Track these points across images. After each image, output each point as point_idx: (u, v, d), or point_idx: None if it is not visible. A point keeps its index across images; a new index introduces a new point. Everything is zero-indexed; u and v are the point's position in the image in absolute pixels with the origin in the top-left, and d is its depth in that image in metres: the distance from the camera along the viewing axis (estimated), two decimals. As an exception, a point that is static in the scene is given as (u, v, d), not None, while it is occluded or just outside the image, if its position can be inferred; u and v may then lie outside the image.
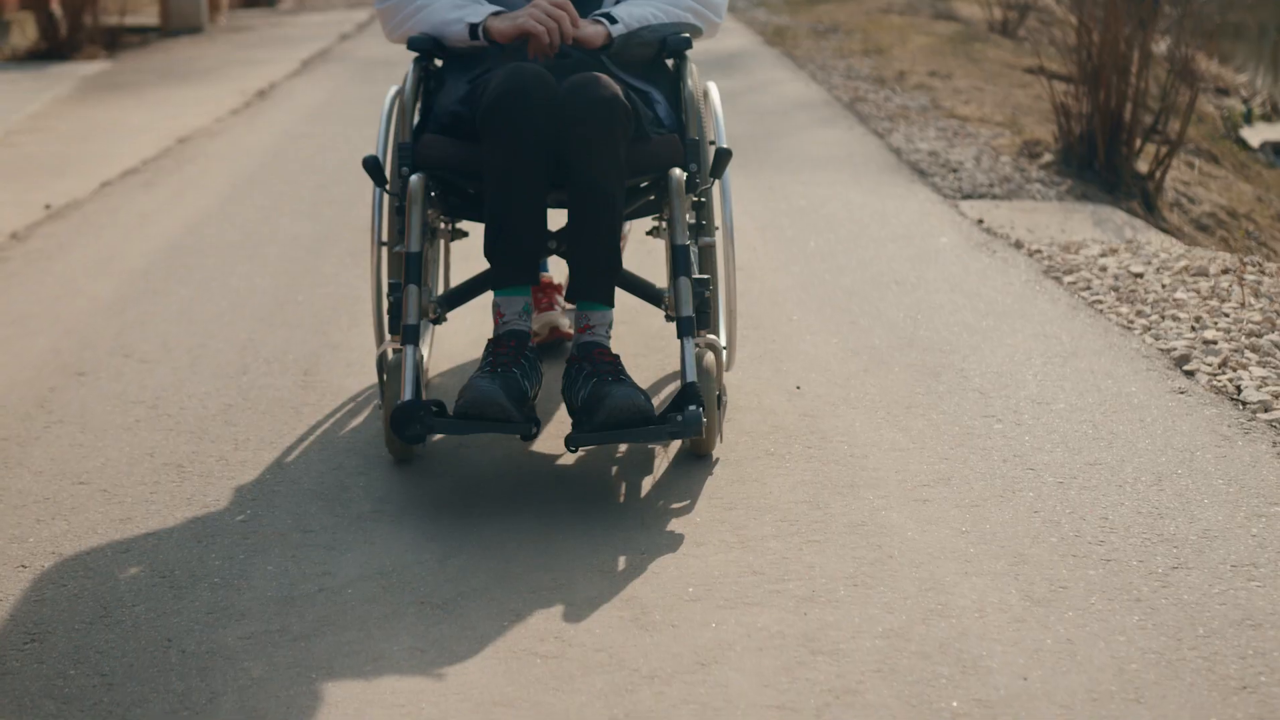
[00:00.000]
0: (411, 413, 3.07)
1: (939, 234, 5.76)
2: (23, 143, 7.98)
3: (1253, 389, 3.88)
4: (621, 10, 3.49)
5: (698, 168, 3.49)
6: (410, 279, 3.28)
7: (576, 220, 3.32)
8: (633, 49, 3.50)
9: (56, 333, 4.43)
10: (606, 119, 3.26)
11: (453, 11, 3.49)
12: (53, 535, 3.02)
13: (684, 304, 3.29)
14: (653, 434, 3.08)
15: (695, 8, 3.59)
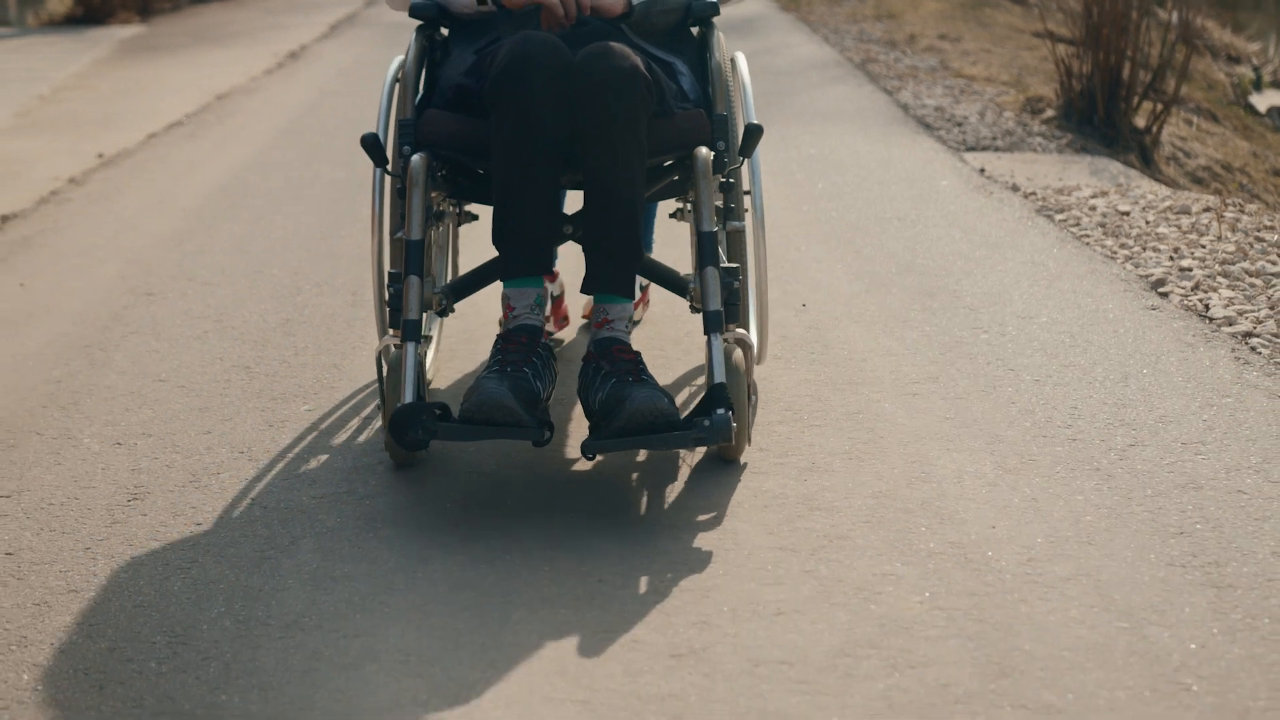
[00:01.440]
0: (413, 417, 2.82)
1: (940, 178, 6.12)
2: (69, 99, 8.36)
3: (1220, 307, 4.24)
4: None
5: (725, 146, 3.22)
6: (411, 269, 3.01)
7: (593, 204, 3.07)
8: (655, 17, 3.27)
9: (122, 261, 4.82)
10: (626, 92, 3.01)
11: None
12: (141, 420, 3.41)
13: (711, 297, 3.01)
14: (677, 440, 2.84)
15: None
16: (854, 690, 2.26)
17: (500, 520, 2.88)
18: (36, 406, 3.50)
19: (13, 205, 5.62)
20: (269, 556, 2.74)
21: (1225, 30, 17.00)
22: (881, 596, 2.56)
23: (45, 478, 3.09)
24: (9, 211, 5.52)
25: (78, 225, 5.34)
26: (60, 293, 4.46)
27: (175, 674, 2.32)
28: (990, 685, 2.27)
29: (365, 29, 11.78)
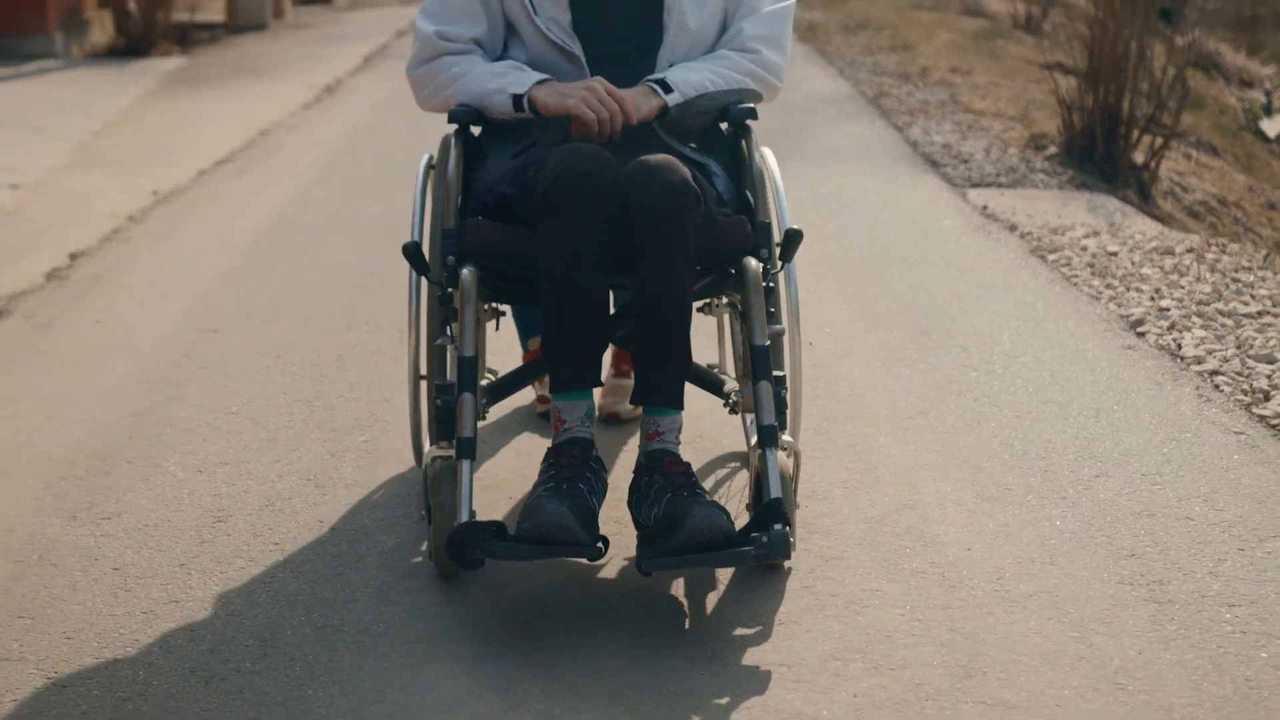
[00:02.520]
0: (470, 537, 2.83)
1: (944, 218, 6.54)
2: (120, 134, 8.81)
3: (1191, 346, 4.65)
4: (676, 76, 3.24)
5: (768, 254, 3.23)
6: (464, 386, 3.03)
7: (643, 317, 3.05)
8: (690, 119, 3.26)
9: (186, 298, 5.25)
10: (675, 207, 3.01)
11: (493, 80, 3.25)
12: (218, 450, 3.84)
13: (765, 412, 3.03)
14: (736, 557, 2.85)
15: (755, 71, 3.33)
16: (841, 688, 2.67)
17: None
18: (124, 437, 3.93)
19: (80, 243, 6.06)
20: (339, 572, 3.16)
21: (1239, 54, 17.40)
22: (868, 609, 2.97)
23: (139, 502, 3.52)
24: (77, 249, 5.95)
25: (142, 262, 5.77)
26: (132, 329, 4.89)
27: (267, 672, 2.74)
28: (957, 685, 2.68)
29: (397, 61, 12.22)
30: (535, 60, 3.30)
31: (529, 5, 3.26)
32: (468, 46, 3.32)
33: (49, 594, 3.06)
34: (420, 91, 3.38)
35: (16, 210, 6.70)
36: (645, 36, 3.31)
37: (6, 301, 5.21)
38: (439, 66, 3.32)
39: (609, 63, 3.27)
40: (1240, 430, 3.93)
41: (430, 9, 3.36)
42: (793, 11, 3.41)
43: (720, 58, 3.32)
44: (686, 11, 3.28)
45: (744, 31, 3.34)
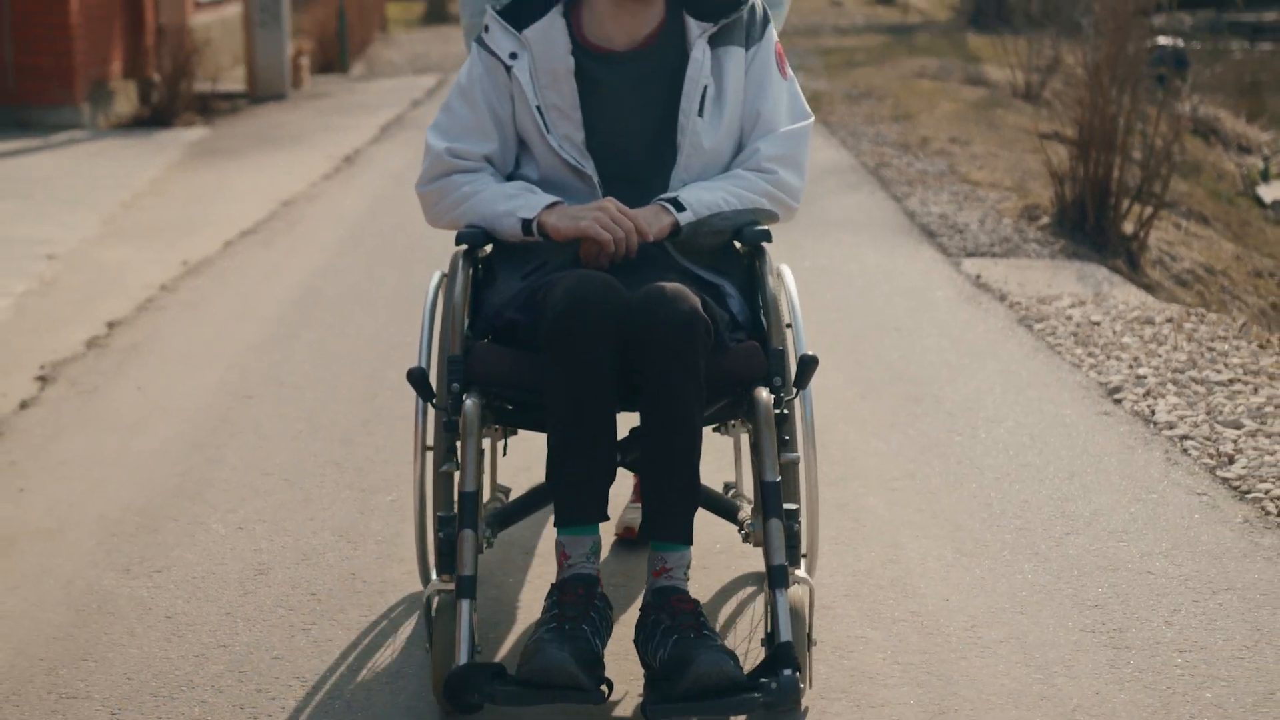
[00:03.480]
0: (469, 680, 2.83)
1: (937, 288, 6.87)
2: (149, 206, 9.17)
3: (1164, 412, 4.96)
4: (689, 195, 3.18)
5: (782, 382, 3.15)
6: (465, 522, 2.97)
7: (652, 450, 3.01)
8: (702, 238, 3.20)
9: (221, 366, 5.58)
10: (686, 338, 2.95)
11: (503, 202, 3.21)
12: (256, 508, 4.16)
13: (776, 551, 2.97)
14: (743, 704, 2.81)
15: (771, 192, 3.26)
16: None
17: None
18: (169, 496, 4.25)
19: (116, 312, 6.40)
20: (372, 620, 3.47)
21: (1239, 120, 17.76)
22: (853, 654, 3.27)
23: (186, 556, 3.83)
24: (114, 318, 6.29)
25: (176, 331, 6.11)
26: (172, 395, 5.22)
27: (310, 711, 3.05)
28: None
29: (413, 131, 12.60)
30: (547, 178, 3.27)
31: (541, 123, 3.24)
32: (479, 164, 3.29)
33: (109, 639, 3.37)
34: (429, 209, 3.37)
35: (54, 281, 7.04)
36: (659, 156, 3.27)
37: (51, 369, 5.54)
38: (449, 185, 3.28)
39: (622, 182, 3.23)
40: (1203, 492, 4.24)
41: (441, 124, 3.33)
42: (810, 130, 3.35)
43: (735, 177, 3.26)
44: (700, 131, 3.24)
45: (760, 151, 3.27)
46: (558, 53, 3.25)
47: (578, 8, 3.31)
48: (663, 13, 3.29)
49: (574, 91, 3.24)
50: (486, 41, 3.30)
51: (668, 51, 3.28)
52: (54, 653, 3.31)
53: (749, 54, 3.31)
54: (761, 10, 3.33)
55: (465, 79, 3.33)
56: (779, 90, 3.32)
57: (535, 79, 3.25)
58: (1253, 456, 4.52)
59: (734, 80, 3.28)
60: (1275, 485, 4.27)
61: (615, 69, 3.27)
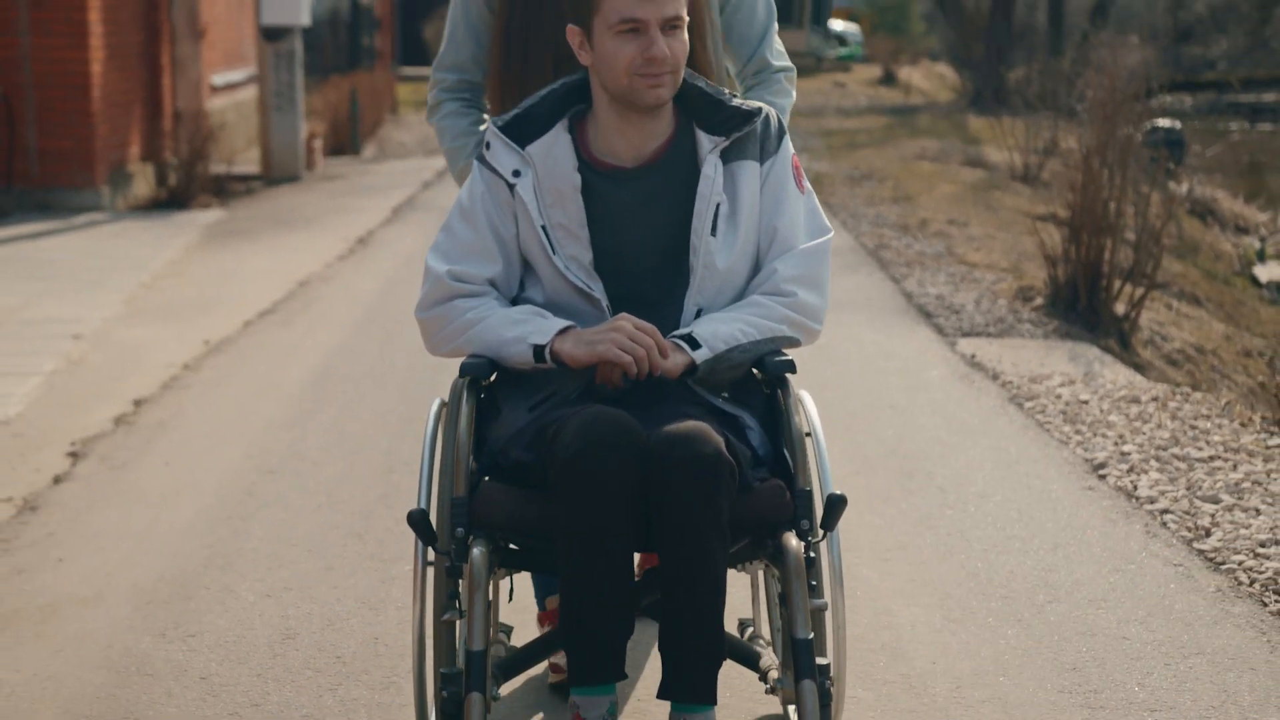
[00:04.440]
0: None
1: (932, 367, 7.12)
2: (169, 286, 9.46)
3: (1146, 487, 5.20)
4: (704, 329, 3.01)
5: (809, 525, 2.98)
6: (473, 685, 2.82)
7: (673, 604, 2.82)
8: (721, 373, 3.03)
9: (244, 442, 5.83)
10: (710, 482, 2.79)
11: (511, 328, 3.03)
12: (282, 577, 4.40)
13: (810, 714, 2.82)
14: None
15: (791, 316, 3.09)
16: (819, 776, 3.20)
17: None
18: (199, 567, 4.49)
19: (142, 391, 6.66)
20: (394, 681, 3.70)
21: (1237, 200, 18.07)
22: (845, 714, 3.49)
23: (218, 622, 4.07)
24: (140, 396, 6.55)
25: (201, 409, 6.36)
26: (198, 470, 5.47)
27: (338, 762, 3.28)
28: (916, 773, 3.21)
29: (424, 213, 12.91)
30: (553, 301, 3.12)
31: (547, 243, 3.08)
32: (482, 288, 3.12)
33: (148, 699, 3.60)
34: (430, 337, 3.17)
35: (81, 360, 7.31)
36: (671, 277, 3.11)
37: (82, 445, 5.79)
38: (451, 311, 3.10)
39: (632, 303, 3.06)
40: (1179, 563, 4.47)
41: (442, 246, 3.16)
42: (830, 245, 3.18)
43: (752, 304, 3.09)
44: (714, 251, 3.07)
45: (778, 272, 3.09)
46: (563, 169, 3.10)
47: (583, 122, 3.16)
48: (672, 126, 3.14)
49: (581, 210, 3.08)
50: (488, 159, 3.15)
51: (678, 167, 3.12)
52: (97, 711, 3.55)
53: (764, 168, 3.13)
54: (777, 122, 3.18)
55: (466, 198, 3.16)
56: (796, 205, 3.15)
57: (540, 197, 3.09)
58: (1228, 530, 4.75)
59: (748, 197, 3.11)
60: (1248, 557, 4.51)
61: (623, 186, 3.11)
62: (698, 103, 3.15)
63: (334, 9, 26.52)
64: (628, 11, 3.00)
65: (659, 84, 3.03)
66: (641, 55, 3.00)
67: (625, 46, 3.01)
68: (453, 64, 3.61)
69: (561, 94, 3.17)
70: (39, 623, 4.09)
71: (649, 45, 3.00)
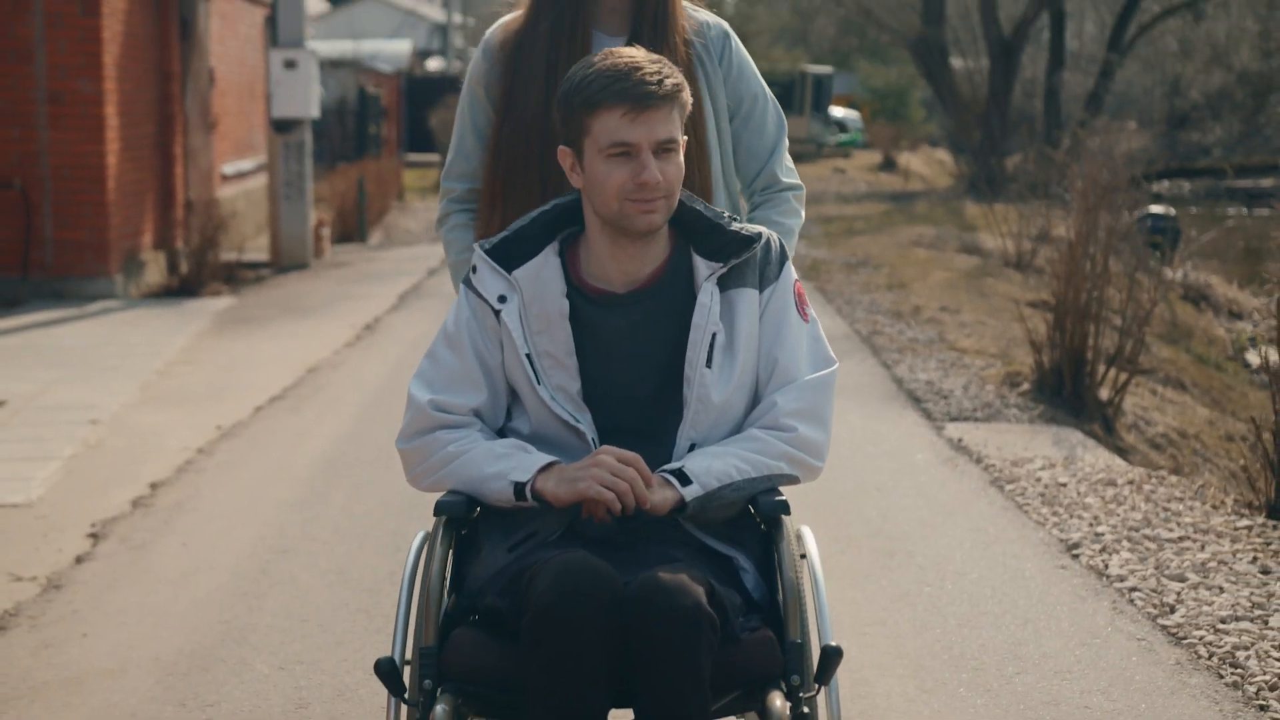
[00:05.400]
0: None
1: (917, 451, 7.40)
2: (180, 373, 9.76)
3: (1116, 566, 5.47)
4: (696, 464, 2.87)
5: (800, 680, 2.81)
6: None
7: None
8: (712, 511, 2.88)
9: (258, 523, 6.11)
10: (688, 637, 2.63)
11: (493, 463, 2.90)
12: (295, 651, 4.66)
13: None
14: None
15: (790, 453, 2.94)
16: (795, 832, 3.45)
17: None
18: (216, 641, 4.76)
19: (158, 474, 6.94)
20: (400, 747, 3.96)
21: (1230, 286, 18.39)
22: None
23: (235, 693, 4.33)
24: (156, 479, 6.83)
25: (215, 491, 6.64)
26: (215, 550, 5.74)
27: (349, 820, 3.54)
28: (885, 830, 3.46)
29: (430, 299, 13.24)
30: (538, 433, 3.00)
31: (531, 373, 2.96)
32: (466, 419, 3.00)
33: (172, 763, 3.87)
34: (411, 469, 3.07)
35: (99, 445, 7.60)
36: (663, 410, 2.98)
37: (102, 527, 6.07)
38: (433, 443, 2.99)
39: (622, 434, 2.94)
40: (1143, 638, 4.73)
41: (425, 374, 3.05)
42: (835, 378, 3.04)
43: (749, 439, 2.94)
44: (709, 384, 2.94)
45: (778, 406, 2.96)
46: (551, 294, 2.97)
47: (574, 245, 3.04)
48: (667, 251, 3.02)
49: (569, 337, 2.96)
50: (474, 283, 3.04)
51: (673, 293, 2.99)
52: (124, 774, 3.81)
53: (764, 296, 2.99)
54: (778, 246, 3.04)
55: (452, 324, 3.05)
56: (798, 335, 3.01)
57: (526, 324, 2.97)
58: (1192, 606, 5.01)
59: (747, 326, 2.96)
60: (1209, 632, 4.77)
61: (615, 312, 2.98)
62: (695, 226, 3.03)
63: (341, 98, 27.04)
64: (618, 135, 2.88)
65: (651, 209, 2.91)
66: (633, 180, 2.88)
67: (616, 170, 2.89)
68: (461, 173, 3.47)
69: (553, 215, 3.05)
70: (67, 694, 4.35)
71: (641, 169, 2.87)
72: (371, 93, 28.29)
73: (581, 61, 2.98)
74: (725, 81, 3.38)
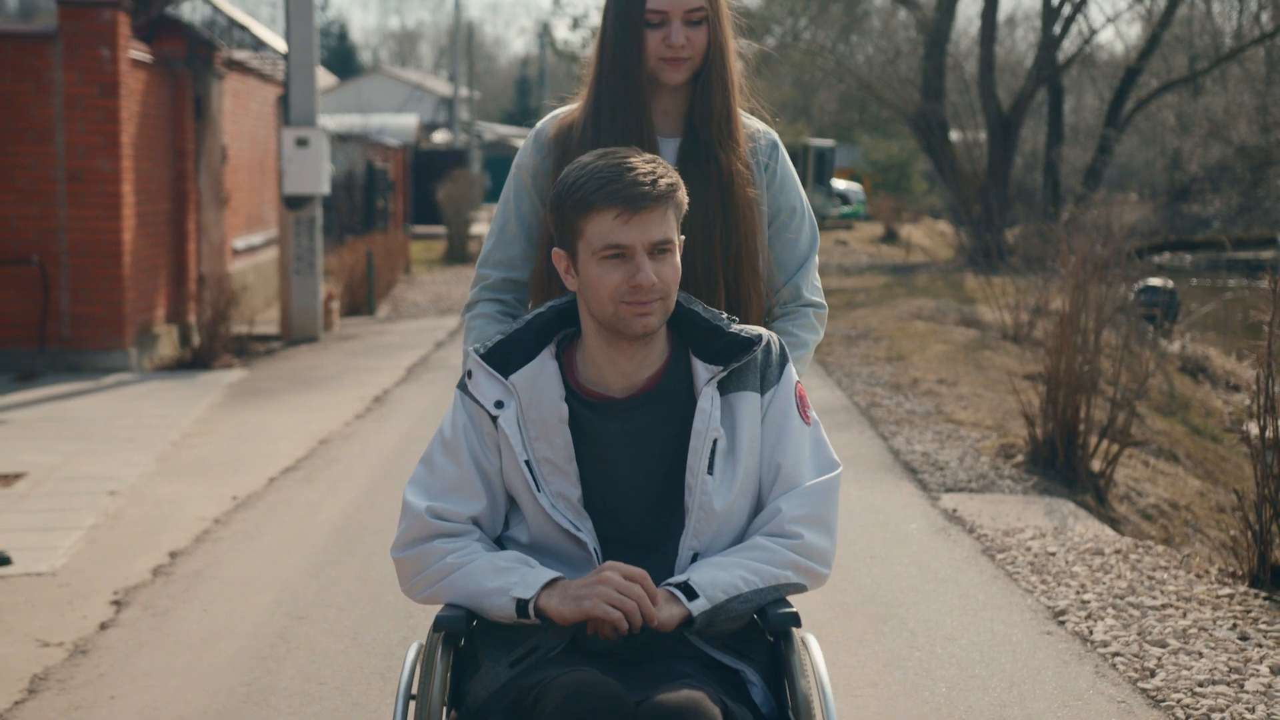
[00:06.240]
0: None
1: (912, 521, 7.64)
2: (196, 444, 10.01)
3: (1101, 632, 5.69)
4: (702, 576, 2.81)
5: None
6: None
7: None
8: (719, 624, 2.82)
9: (275, 590, 6.34)
10: None
11: (494, 577, 2.82)
12: (313, 712, 4.89)
13: None
14: None
15: (797, 561, 2.89)
16: None
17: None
18: (237, 703, 4.99)
19: (177, 544, 7.18)
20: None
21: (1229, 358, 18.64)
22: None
23: (258, 750, 4.57)
24: (175, 549, 7.07)
25: (233, 560, 6.88)
26: (234, 616, 5.97)
27: None
28: None
29: (437, 372, 13.50)
30: (538, 542, 2.95)
31: (531, 480, 2.91)
32: (464, 527, 2.94)
33: (199, 816, 4.10)
34: (407, 579, 2.95)
35: (119, 515, 7.84)
36: (664, 517, 2.93)
37: (124, 594, 6.31)
38: (430, 553, 2.90)
39: (623, 545, 2.92)
40: (1123, 700, 4.96)
41: (422, 480, 2.98)
42: (839, 482, 3.00)
43: (754, 547, 2.89)
44: (712, 492, 2.89)
45: (782, 512, 2.91)
46: (549, 399, 2.93)
47: (570, 349, 3.01)
48: (665, 354, 2.98)
49: (568, 443, 2.90)
50: (470, 389, 2.98)
51: (672, 397, 2.95)
52: (154, 827, 4.03)
53: (765, 398, 2.96)
54: (779, 349, 3.01)
55: (449, 429, 2.98)
56: (801, 439, 2.97)
57: (524, 430, 2.92)
58: (1171, 671, 5.24)
59: (748, 430, 2.93)
60: (1186, 695, 4.99)
61: (613, 418, 2.93)
62: (694, 328, 2.99)
63: (350, 172, 27.44)
64: (612, 237, 2.84)
65: (647, 311, 2.86)
66: (627, 282, 2.84)
67: (610, 273, 2.85)
68: (500, 260, 3.40)
69: (548, 318, 3.02)
70: (97, 752, 4.59)
71: (635, 271, 2.83)
72: (379, 167, 28.69)
73: (574, 162, 2.93)
74: (767, 189, 3.37)
